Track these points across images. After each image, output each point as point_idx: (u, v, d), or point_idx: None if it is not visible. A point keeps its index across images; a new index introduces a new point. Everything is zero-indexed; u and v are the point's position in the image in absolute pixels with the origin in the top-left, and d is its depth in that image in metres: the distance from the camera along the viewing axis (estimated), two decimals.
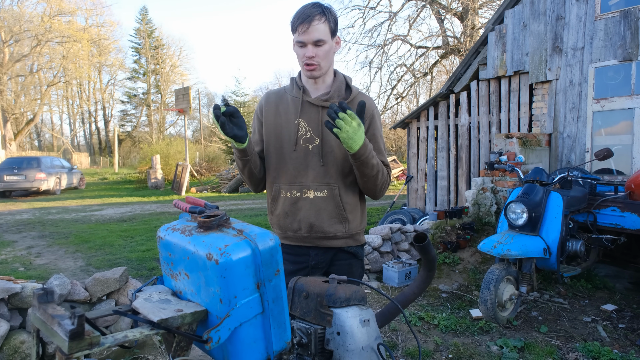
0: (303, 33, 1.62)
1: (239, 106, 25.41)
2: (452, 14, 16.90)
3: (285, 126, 1.77)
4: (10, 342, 2.65)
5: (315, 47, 1.65)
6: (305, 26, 1.61)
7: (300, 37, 1.63)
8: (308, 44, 1.64)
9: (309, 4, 1.66)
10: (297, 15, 1.64)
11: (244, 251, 1.04)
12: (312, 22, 1.61)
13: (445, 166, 7.75)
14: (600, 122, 5.72)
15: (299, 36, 1.64)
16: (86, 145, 44.00)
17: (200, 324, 1.09)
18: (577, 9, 5.84)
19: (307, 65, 1.68)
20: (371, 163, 1.64)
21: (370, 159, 1.63)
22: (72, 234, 7.60)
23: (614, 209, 4.07)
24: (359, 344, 1.24)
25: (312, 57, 1.66)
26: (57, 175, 15.67)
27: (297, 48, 1.69)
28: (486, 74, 6.89)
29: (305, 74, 1.73)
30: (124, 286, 3.26)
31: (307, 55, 1.65)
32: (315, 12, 1.62)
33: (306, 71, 1.71)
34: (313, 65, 1.68)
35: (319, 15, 1.62)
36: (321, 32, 1.63)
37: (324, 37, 1.64)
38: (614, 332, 3.56)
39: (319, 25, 1.62)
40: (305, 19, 1.61)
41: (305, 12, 1.62)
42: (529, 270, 3.78)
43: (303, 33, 1.62)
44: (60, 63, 28.86)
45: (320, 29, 1.62)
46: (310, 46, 1.65)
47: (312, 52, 1.65)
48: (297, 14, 1.64)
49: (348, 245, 1.79)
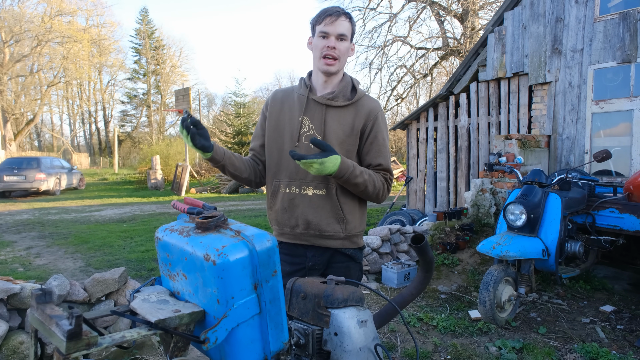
0: (330, 24, 1.70)
1: (239, 107, 25.42)
2: (452, 15, 16.92)
3: (289, 122, 1.79)
4: (9, 342, 2.65)
5: (338, 41, 1.72)
6: (334, 18, 1.70)
7: (326, 28, 1.70)
8: (332, 35, 1.71)
9: (333, 6, 1.76)
10: (325, 10, 1.73)
11: (242, 252, 1.04)
12: (339, 16, 1.71)
13: (445, 167, 7.75)
14: (599, 123, 5.73)
15: (324, 26, 1.71)
16: (86, 146, 44.01)
17: (197, 324, 1.10)
18: (577, 10, 5.85)
19: (326, 57, 1.72)
20: (354, 182, 1.66)
21: (353, 179, 1.65)
22: (71, 234, 7.61)
23: (613, 210, 4.07)
24: (357, 344, 1.24)
25: (333, 49, 1.71)
26: (56, 175, 15.67)
27: (318, 39, 1.74)
28: (486, 76, 6.90)
29: (322, 67, 1.75)
30: (123, 287, 3.27)
31: (330, 45, 1.71)
32: (342, 11, 1.73)
33: (324, 64, 1.74)
34: (333, 58, 1.72)
35: (346, 15, 1.74)
36: (346, 28, 1.72)
37: (347, 34, 1.73)
38: (612, 333, 3.56)
39: (344, 22, 1.72)
40: (333, 13, 1.71)
41: (333, 8, 1.73)
42: (527, 271, 3.79)
43: (330, 24, 1.70)
44: (61, 63, 28.88)
45: (345, 25, 1.72)
46: (333, 38, 1.71)
47: (334, 43, 1.71)
48: (324, 9, 1.74)
49: (345, 246, 1.80)
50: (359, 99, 1.79)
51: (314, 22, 1.75)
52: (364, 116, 1.77)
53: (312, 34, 1.79)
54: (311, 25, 1.78)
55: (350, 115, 1.76)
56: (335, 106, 1.76)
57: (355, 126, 1.76)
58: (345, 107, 1.77)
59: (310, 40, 1.81)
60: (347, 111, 1.77)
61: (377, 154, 1.78)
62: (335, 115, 1.76)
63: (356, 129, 1.76)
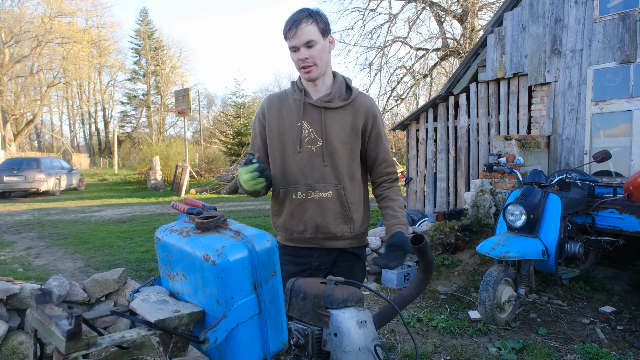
0: (293, 37, 1.67)
1: (239, 107, 25.43)
2: (451, 16, 16.94)
3: (289, 129, 1.78)
4: (8, 342, 2.65)
5: (308, 49, 1.68)
6: (294, 31, 1.66)
7: (292, 42, 1.68)
8: (300, 47, 1.68)
9: (296, 11, 1.71)
10: (286, 23, 1.69)
11: (241, 252, 1.04)
12: (299, 25, 1.65)
13: (445, 168, 7.76)
14: (599, 124, 5.73)
15: (290, 41, 1.69)
16: (86, 146, 44.01)
17: (197, 324, 1.10)
18: (576, 11, 5.85)
19: (303, 68, 1.71)
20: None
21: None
22: (71, 234, 7.60)
23: (613, 211, 4.07)
24: (356, 345, 1.24)
25: (305, 59, 1.69)
26: (56, 176, 15.67)
27: (292, 54, 1.73)
28: (485, 76, 6.90)
29: (304, 77, 1.75)
30: (123, 287, 3.27)
31: (301, 57, 1.69)
32: (302, 16, 1.67)
33: (304, 74, 1.73)
34: (309, 66, 1.70)
35: (306, 18, 1.66)
36: (310, 33, 1.66)
37: (314, 38, 1.67)
38: (612, 334, 3.56)
39: (306, 27, 1.66)
40: (292, 24, 1.66)
41: (292, 17, 1.68)
42: (527, 272, 3.79)
43: (293, 37, 1.67)
44: (61, 64, 28.89)
45: (308, 31, 1.66)
46: (302, 49, 1.68)
47: (305, 53, 1.68)
48: (286, 22, 1.70)
49: (352, 245, 1.82)
50: (355, 97, 1.80)
51: (284, 38, 1.72)
52: (362, 115, 1.78)
53: None
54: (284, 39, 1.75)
55: (349, 115, 1.77)
56: (332, 108, 1.76)
57: (355, 125, 1.77)
58: (342, 107, 1.77)
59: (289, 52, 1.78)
60: (345, 111, 1.77)
61: (385, 151, 1.83)
62: (334, 117, 1.76)
63: (356, 128, 1.77)
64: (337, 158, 1.73)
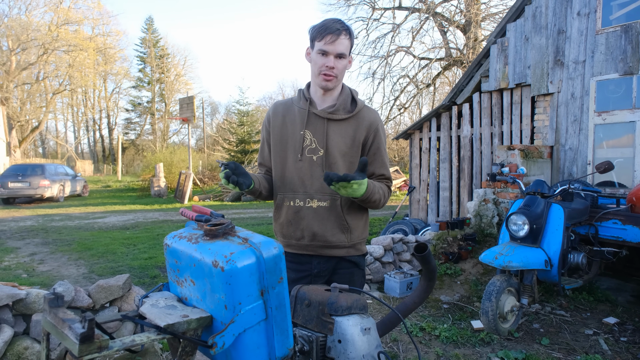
0: (330, 43, 1.68)
1: (242, 115, 25.54)
2: (455, 26, 17.05)
3: (291, 136, 1.81)
4: (14, 347, 2.67)
5: (337, 60, 1.72)
6: (334, 37, 1.68)
7: (326, 47, 1.69)
8: (331, 54, 1.70)
9: (333, 19, 1.73)
10: (325, 26, 1.70)
11: (249, 259, 1.07)
12: (340, 35, 1.69)
13: (448, 177, 7.77)
14: (601, 134, 5.75)
15: (324, 45, 1.69)
16: (90, 153, 44.24)
17: (205, 329, 1.12)
18: (579, 23, 5.90)
19: (325, 75, 1.73)
20: (372, 199, 1.71)
21: (372, 196, 1.69)
22: (75, 241, 7.63)
23: (616, 221, 4.07)
24: (360, 351, 1.26)
25: (332, 68, 1.72)
26: (60, 182, 15.74)
27: (316, 56, 1.73)
28: (488, 86, 6.95)
29: (321, 83, 1.76)
30: (127, 293, 3.29)
31: (329, 65, 1.71)
32: (343, 28, 1.70)
33: (322, 80, 1.74)
34: (331, 76, 1.73)
35: (346, 32, 1.71)
36: (345, 47, 1.71)
37: (347, 52, 1.72)
38: (615, 345, 3.55)
39: (344, 40, 1.70)
40: (334, 31, 1.68)
41: (335, 25, 1.70)
42: (530, 282, 3.78)
43: (330, 43, 1.68)
44: (66, 71, 29.16)
45: (345, 44, 1.71)
46: (332, 57, 1.71)
47: (333, 63, 1.71)
48: (324, 24, 1.71)
49: (350, 254, 1.83)
50: (359, 110, 1.81)
51: (314, 36, 1.73)
52: (365, 128, 1.79)
53: (311, 46, 1.77)
54: (310, 37, 1.76)
55: (352, 128, 1.79)
56: (336, 119, 1.78)
57: (356, 138, 1.79)
58: (346, 119, 1.79)
59: (308, 51, 1.80)
60: (348, 124, 1.79)
61: (381, 165, 1.83)
62: (336, 129, 1.78)
63: (357, 141, 1.79)
64: (336, 169, 1.76)
